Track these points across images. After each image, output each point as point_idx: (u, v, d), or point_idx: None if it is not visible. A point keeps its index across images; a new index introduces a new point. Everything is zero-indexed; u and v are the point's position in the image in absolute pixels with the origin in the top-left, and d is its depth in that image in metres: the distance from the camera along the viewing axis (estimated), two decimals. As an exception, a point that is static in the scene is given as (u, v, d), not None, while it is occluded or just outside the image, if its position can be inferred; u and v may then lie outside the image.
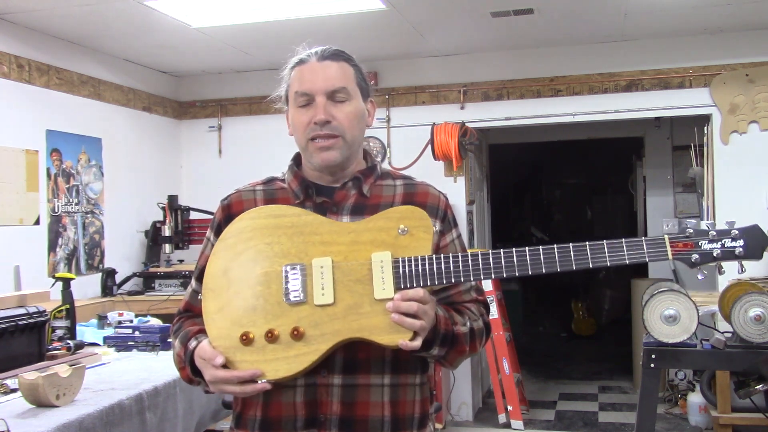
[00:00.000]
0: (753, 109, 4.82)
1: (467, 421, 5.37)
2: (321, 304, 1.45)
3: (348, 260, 1.47)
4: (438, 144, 5.08)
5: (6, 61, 4.10)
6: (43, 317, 2.81)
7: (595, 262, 1.44)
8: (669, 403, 5.52)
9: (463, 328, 1.55)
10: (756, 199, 4.79)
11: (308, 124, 1.55)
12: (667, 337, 2.96)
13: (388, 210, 1.51)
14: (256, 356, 1.45)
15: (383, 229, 1.48)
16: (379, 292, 1.44)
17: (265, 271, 1.49)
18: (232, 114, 5.76)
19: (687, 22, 4.63)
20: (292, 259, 1.48)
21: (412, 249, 1.47)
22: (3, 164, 4.03)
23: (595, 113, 5.13)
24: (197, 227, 5.26)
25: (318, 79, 1.55)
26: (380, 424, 1.52)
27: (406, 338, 1.41)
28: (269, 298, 1.48)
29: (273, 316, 1.47)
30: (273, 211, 1.54)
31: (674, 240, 1.44)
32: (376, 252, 1.46)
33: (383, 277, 1.44)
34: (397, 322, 1.40)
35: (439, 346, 1.49)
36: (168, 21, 4.20)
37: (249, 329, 1.46)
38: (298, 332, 1.44)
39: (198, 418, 2.71)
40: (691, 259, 1.44)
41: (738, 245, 1.43)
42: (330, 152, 1.55)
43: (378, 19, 4.29)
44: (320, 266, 1.46)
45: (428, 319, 1.43)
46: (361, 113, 1.61)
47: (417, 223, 1.48)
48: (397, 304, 1.40)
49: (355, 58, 1.63)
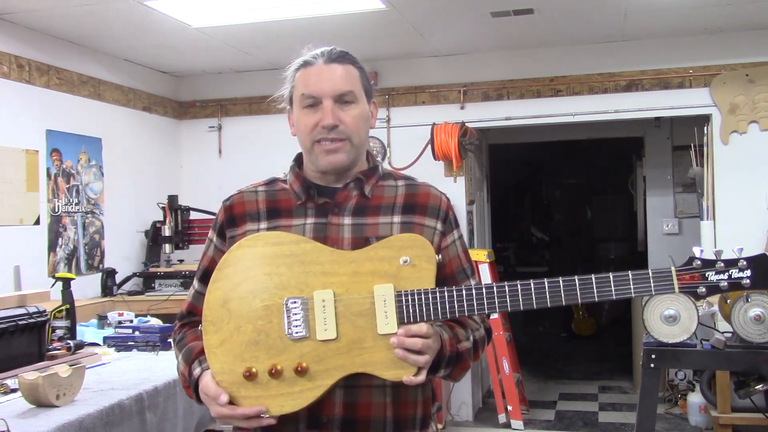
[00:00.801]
0: (753, 109, 4.82)
1: (467, 421, 5.37)
2: (324, 339, 1.44)
3: (350, 292, 1.45)
4: (438, 144, 5.08)
5: (6, 61, 4.10)
6: (43, 317, 2.81)
7: (600, 295, 1.43)
8: (669, 403, 5.51)
9: (467, 343, 1.55)
10: (756, 199, 4.79)
11: (314, 126, 1.55)
12: (667, 337, 2.96)
13: (390, 238, 1.50)
14: (260, 392, 1.45)
15: (385, 259, 1.46)
16: (382, 327, 1.43)
17: (265, 305, 1.47)
18: (232, 114, 5.76)
19: (687, 22, 4.63)
20: (293, 291, 1.47)
21: (414, 280, 1.45)
22: (3, 164, 4.03)
23: (595, 113, 5.13)
24: (197, 227, 5.26)
25: (325, 82, 1.55)
26: (382, 424, 1.51)
27: (410, 374, 1.41)
28: (271, 333, 1.46)
29: (276, 351, 1.45)
30: (271, 238, 1.52)
31: (681, 272, 1.42)
32: (378, 284, 1.44)
33: (386, 311, 1.43)
34: (402, 358, 1.40)
35: (444, 368, 1.50)
36: (168, 21, 4.20)
37: (252, 365, 1.45)
38: (302, 368, 1.43)
39: (198, 418, 2.71)
40: (697, 292, 1.41)
41: (745, 276, 1.40)
42: (337, 155, 1.55)
43: (378, 19, 4.28)
44: (322, 300, 1.45)
45: (432, 352, 1.43)
46: (366, 116, 1.61)
47: (419, 252, 1.47)
48: (401, 340, 1.40)
49: (359, 60, 1.63)
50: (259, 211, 1.61)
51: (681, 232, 6.23)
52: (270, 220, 1.59)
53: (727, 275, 1.41)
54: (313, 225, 1.56)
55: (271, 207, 1.61)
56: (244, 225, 1.60)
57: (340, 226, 1.56)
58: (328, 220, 1.56)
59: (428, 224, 1.60)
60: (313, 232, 1.55)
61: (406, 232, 1.55)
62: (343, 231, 1.55)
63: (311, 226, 1.56)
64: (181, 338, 1.64)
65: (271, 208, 1.61)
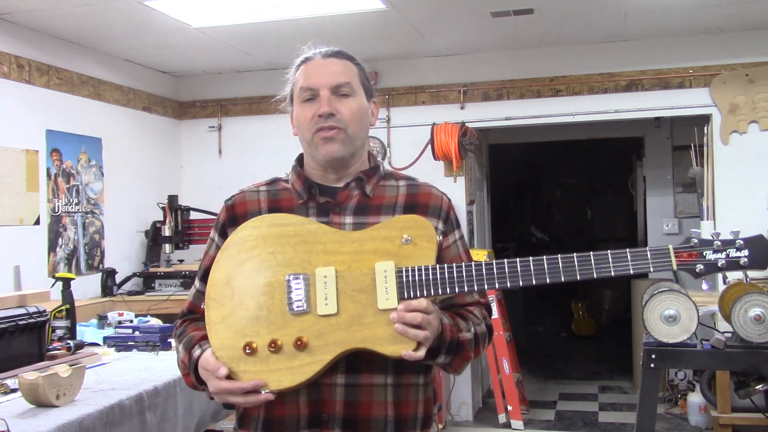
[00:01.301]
0: (753, 109, 4.82)
1: (467, 421, 5.37)
2: (324, 314, 1.45)
3: (351, 270, 1.47)
4: (438, 144, 5.08)
5: (6, 61, 4.10)
6: (43, 317, 2.81)
7: (599, 271, 1.44)
8: (669, 403, 5.52)
9: (468, 334, 1.55)
10: (756, 199, 4.78)
11: (312, 117, 1.57)
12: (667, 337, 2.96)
13: (392, 219, 1.52)
14: (260, 366, 1.45)
15: (387, 239, 1.48)
16: (382, 302, 1.44)
17: (268, 281, 1.49)
18: (232, 114, 5.76)
19: (687, 22, 4.63)
20: (296, 268, 1.48)
21: (415, 258, 1.47)
22: (3, 164, 4.03)
23: (595, 113, 5.13)
24: (197, 227, 5.26)
25: (322, 74, 1.58)
26: (383, 423, 1.52)
27: (410, 348, 1.41)
28: (273, 308, 1.47)
29: (276, 326, 1.46)
30: (276, 219, 1.54)
31: (678, 250, 1.44)
32: (379, 261, 1.46)
33: (387, 287, 1.44)
34: (401, 332, 1.40)
35: (444, 354, 1.50)
36: (168, 21, 4.20)
37: (252, 339, 1.46)
38: (301, 342, 1.44)
39: (198, 418, 2.71)
40: (695, 270, 1.44)
41: (742, 255, 1.44)
42: (333, 144, 1.56)
43: (378, 19, 4.29)
44: (324, 276, 1.46)
45: (432, 329, 1.43)
46: (364, 110, 1.62)
47: (420, 232, 1.48)
48: (401, 315, 1.41)
49: (358, 59, 1.66)
50: (260, 210, 1.61)
51: (681, 232, 6.23)
52: None
53: (725, 254, 1.44)
54: None
55: (272, 206, 1.62)
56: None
57: (342, 225, 1.56)
58: (329, 219, 1.57)
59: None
60: None
61: None
62: (344, 230, 1.55)
63: None
64: (182, 331, 1.64)
65: (272, 207, 1.62)
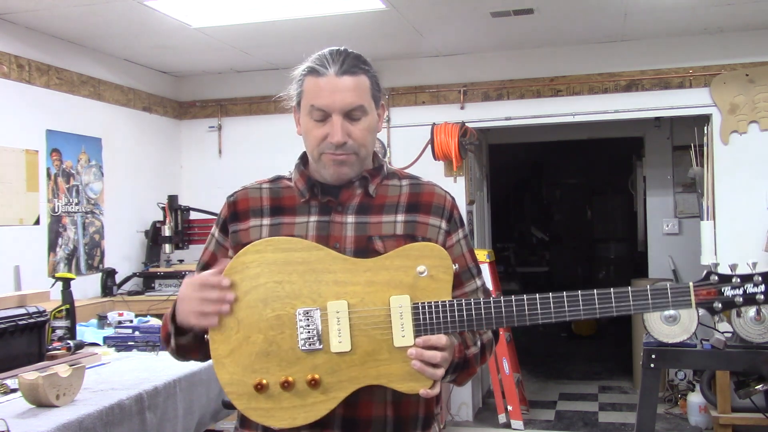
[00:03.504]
0: (753, 109, 4.82)
1: (467, 421, 5.37)
2: (338, 352, 1.41)
3: (365, 303, 1.41)
4: (438, 144, 5.08)
5: (6, 61, 4.10)
6: (43, 317, 2.81)
7: (619, 310, 1.43)
8: (669, 403, 5.51)
9: (474, 348, 1.55)
10: (756, 199, 4.79)
11: (323, 139, 1.53)
12: (667, 337, 2.96)
13: (406, 247, 1.47)
14: (271, 404, 1.41)
15: (401, 269, 1.43)
16: (398, 340, 1.40)
17: (276, 314, 1.43)
18: (232, 114, 5.76)
19: (687, 22, 4.63)
20: (305, 301, 1.42)
21: (431, 292, 1.42)
22: (3, 164, 4.03)
23: (595, 113, 5.13)
24: (197, 227, 5.26)
25: (336, 97, 1.51)
26: (383, 424, 1.51)
27: (426, 386, 1.39)
28: (282, 344, 1.42)
29: (288, 363, 1.42)
30: (281, 244, 1.47)
31: (698, 287, 1.44)
32: (394, 295, 1.41)
33: (403, 323, 1.40)
34: (419, 370, 1.38)
35: (451, 374, 1.50)
36: (168, 21, 4.20)
37: (263, 377, 1.42)
38: (315, 381, 1.40)
39: (198, 418, 2.70)
40: (713, 307, 1.44)
41: (759, 291, 1.42)
42: (343, 167, 1.54)
43: (378, 19, 4.28)
44: (336, 311, 1.41)
45: (447, 364, 1.42)
46: (375, 125, 1.60)
47: (436, 262, 1.43)
48: (420, 353, 1.38)
49: (370, 63, 1.59)
50: (262, 208, 1.61)
51: (681, 232, 6.23)
52: (273, 217, 1.59)
53: (742, 290, 1.43)
54: (316, 223, 1.56)
55: (274, 204, 1.61)
56: (248, 221, 1.60)
57: (343, 224, 1.55)
58: (331, 218, 1.56)
59: (433, 223, 1.59)
60: (316, 229, 1.55)
61: (410, 231, 1.55)
62: (346, 229, 1.55)
63: (314, 223, 1.56)
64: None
65: (274, 205, 1.61)
